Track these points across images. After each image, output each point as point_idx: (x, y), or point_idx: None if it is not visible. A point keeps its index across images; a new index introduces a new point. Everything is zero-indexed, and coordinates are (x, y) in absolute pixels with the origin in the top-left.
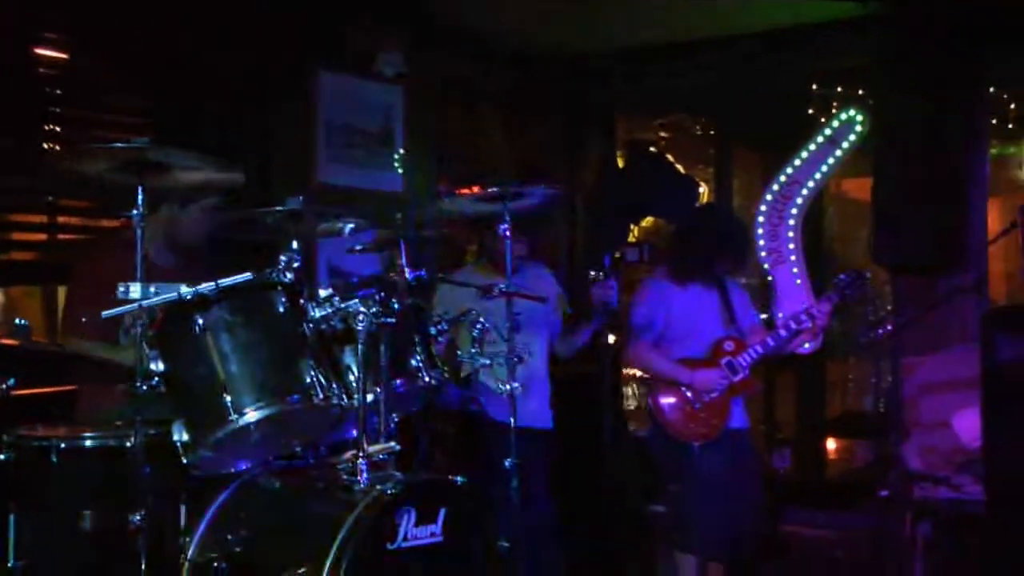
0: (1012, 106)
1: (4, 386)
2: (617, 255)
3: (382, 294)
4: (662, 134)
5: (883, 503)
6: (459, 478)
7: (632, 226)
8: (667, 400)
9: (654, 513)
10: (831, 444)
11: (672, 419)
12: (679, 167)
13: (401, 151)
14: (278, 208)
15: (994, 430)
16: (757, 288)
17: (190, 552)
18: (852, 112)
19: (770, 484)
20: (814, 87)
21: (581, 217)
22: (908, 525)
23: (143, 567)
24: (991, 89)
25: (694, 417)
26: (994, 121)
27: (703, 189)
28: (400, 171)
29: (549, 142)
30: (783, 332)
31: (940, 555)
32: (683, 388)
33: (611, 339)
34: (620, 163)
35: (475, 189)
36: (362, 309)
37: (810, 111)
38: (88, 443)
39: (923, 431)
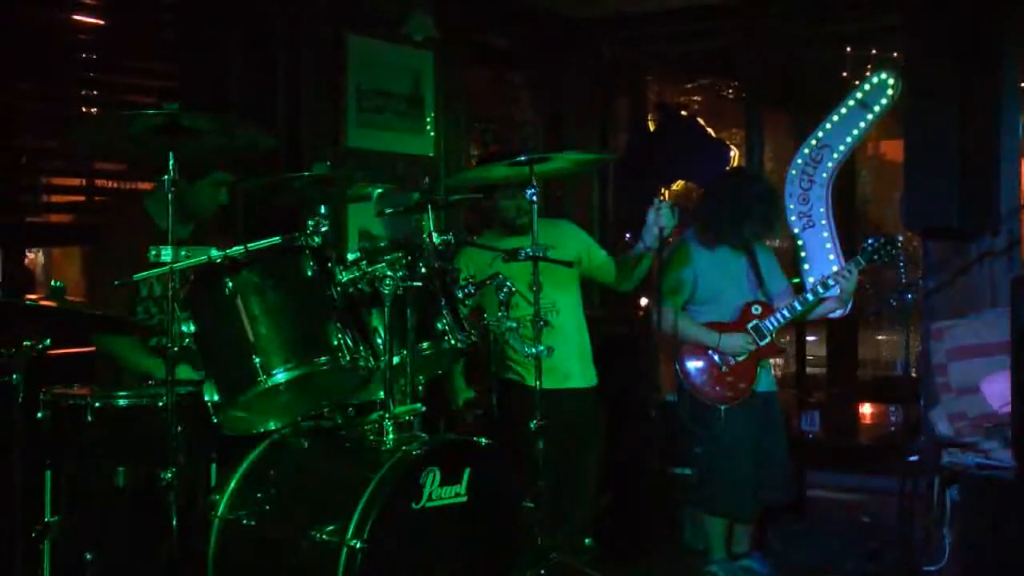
0: None
1: (40, 345)
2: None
3: (409, 257)
4: (694, 97)
5: (911, 468)
6: (483, 439)
7: (663, 189)
8: (694, 364)
9: (677, 476)
10: (863, 408)
11: (699, 382)
12: (710, 130)
13: (430, 115)
14: (305, 173)
15: (1022, 394)
16: (787, 252)
17: (219, 509)
18: (884, 75)
19: (798, 447)
20: (848, 49)
21: (611, 180)
22: (935, 490)
23: (174, 523)
24: None
25: (721, 380)
26: None
27: (734, 152)
28: (431, 135)
29: (579, 105)
30: (810, 296)
31: (967, 520)
32: (710, 351)
33: (643, 302)
34: (651, 126)
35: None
36: (388, 273)
37: (844, 73)
38: (122, 402)
39: (952, 396)
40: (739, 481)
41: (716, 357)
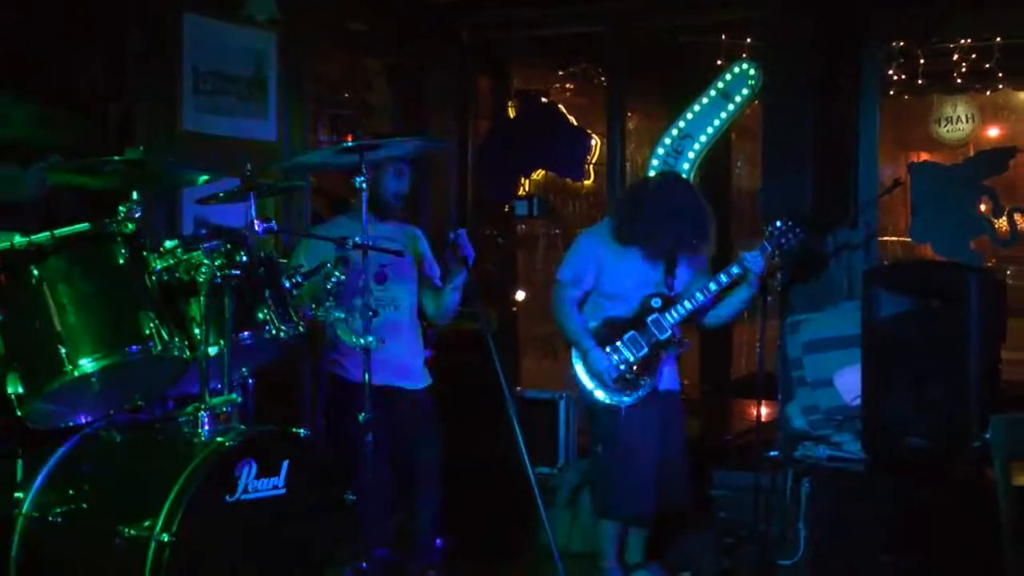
0: (922, 61)
1: None
2: (507, 208)
3: (228, 246)
4: (566, 85)
5: (768, 463)
6: (303, 430)
7: (523, 179)
8: (583, 361)
9: (541, 475)
10: (735, 405)
11: (594, 379)
12: (571, 119)
13: (273, 99)
14: (114, 158)
15: (873, 387)
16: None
17: (24, 507)
18: (745, 65)
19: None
20: (723, 37)
21: (472, 169)
22: (790, 484)
23: None
24: (899, 43)
25: (619, 379)
26: (903, 76)
27: (595, 142)
28: (273, 121)
29: (439, 92)
30: (713, 285)
31: (819, 513)
32: (608, 348)
33: (520, 295)
34: (511, 114)
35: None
36: (206, 261)
37: (719, 62)
38: None
39: (807, 390)
40: (638, 485)
41: (614, 355)
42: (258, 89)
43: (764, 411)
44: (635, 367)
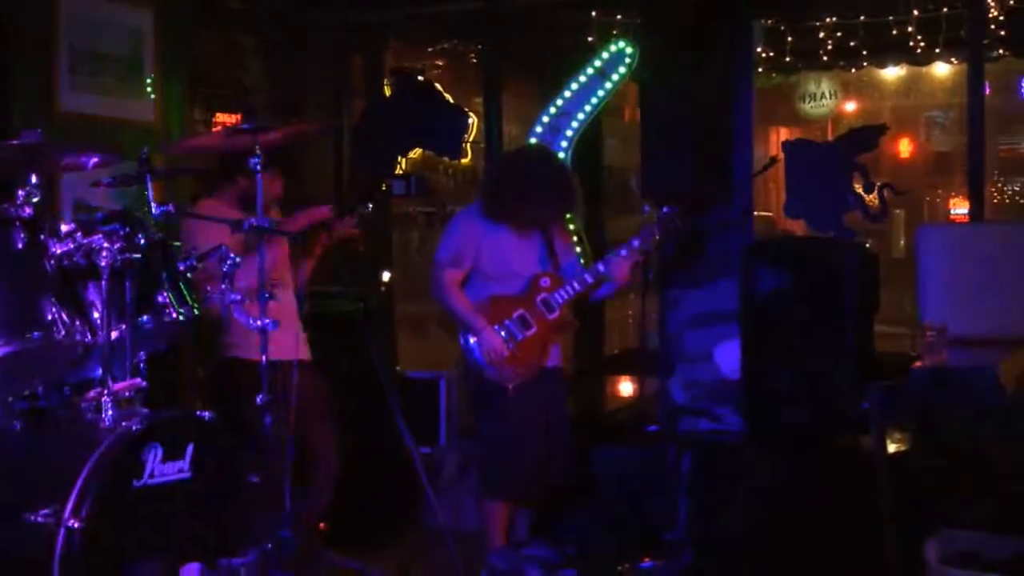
0: (790, 39)
1: None
2: (384, 187)
3: (127, 229)
4: (437, 62)
5: (651, 437)
6: (207, 413)
7: (400, 158)
8: (476, 339)
9: (422, 455)
10: (612, 382)
11: (483, 359)
12: (448, 97)
13: (150, 79)
14: (12, 142)
15: (752, 360)
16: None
17: None
18: (621, 44)
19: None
20: (593, 14)
21: (348, 148)
22: (672, 458)
23: None
24: (767, 22)
25: (509, 357)
26: (772, 54)
27: (473, 120)
28: (152, 100)
29: (314, 70)
30: (600, 267)
31: (701, 485)
32: (497, 327)
33: (386, 276)
34: (387, 92)
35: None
36: (105, 245)
37: (589, 39)
38: None
39: (688, 364)
40: (525, 463)
41: (503, 333)
42: (135, 68)
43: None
44: (524, 345)
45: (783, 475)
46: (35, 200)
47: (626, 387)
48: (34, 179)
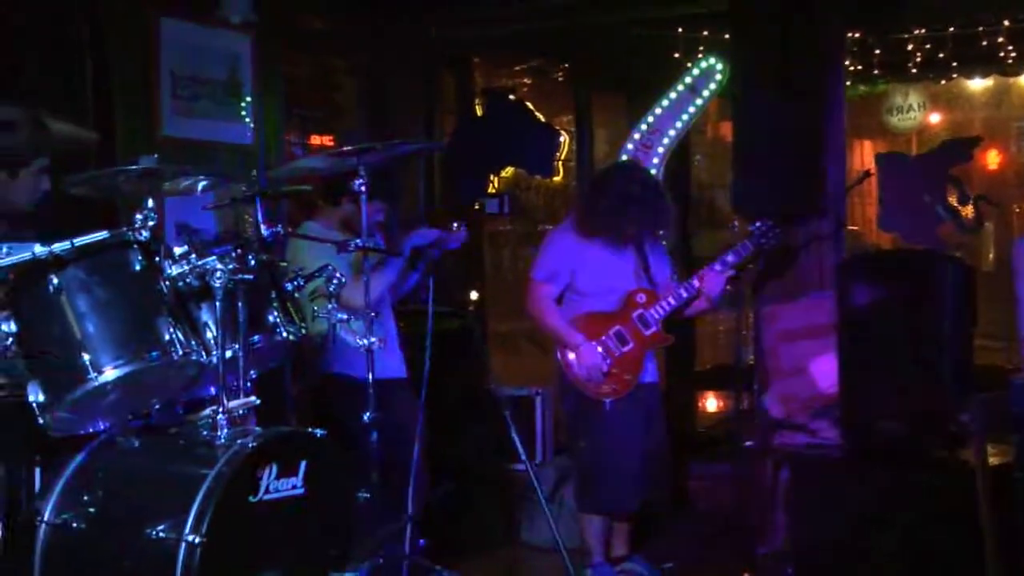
0: (877, 51)
1: None
2: (477, 206)
3: (238, 250)
4: (524, 80)
5: (746, 452)
6: (318, 431)
7: (492, 176)
8: (574, 355)
9: (513, 472)
10: (705, 397)
11: (582, 374)
12: (539, 115)
13: (247, 102)
14: (132, 167)
15: (849, 375)
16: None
17: (46, 514)
18: (712, 60)
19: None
20: (679, 30)
21: (439, 168)
22: (769, 472)
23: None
24: (855, 34)
25: (607, 373)
26: (860, 66)
27: (564, 138)
28: (250, 124)
29: (404, 90)
30: (696, 282)
31: (798, 500)
32: (594, 343)
33: (474, 295)
34: (478, 111)
35: (327, 147)
36: (219, 266)
37: (676, 55)
38: None
39: (783, 379)
40: (624, 478)
41: (600, 349)
42: (234, 92)
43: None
44: (621, 361)
45: (881, 489)
46: (151, 223)
47: (719, 403)
48: (150, 203)
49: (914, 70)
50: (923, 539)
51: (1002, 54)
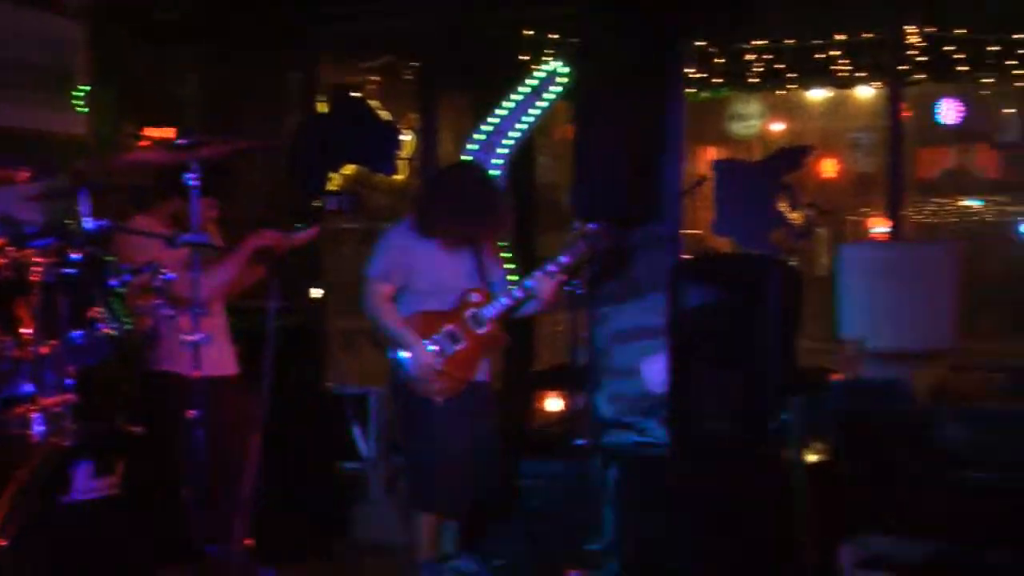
0: (718, 60)
1: None
2: (316, 204)
3: (60, 244)
4: (372, 78)
5: (578, 451)
6: (138, 428)
7: (333, 174)
8: (407, 354)
9: (348, 470)
10: (543, 397)
11: (415, 373)
12: (383, 113)
13: (81, 90)
14: None
15: (678, 375)
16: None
17: None
18: (557, 64)
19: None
20: (528, 33)
21: (282, 164)
22: (599, 471)
23: None
24: (697, 43)
25: (439, 372)
26: (702, 74)
27: (410, 137)
28: (82, 113)
29: (249, 86)
30: (529, 283)
31: (627, 497)
32: (427, 342)
33: (314, 293)
34: (322, 108)
35: (160, 138)
36: (38, 259)
37: (524, 57)
38: None
39: (615, 379)
40: (454, 477)
41: (433, 347)
42: (64, 80)
43: (567, 401)
44: (453, 360)
45: (707, 486)
46: None
47: (556, 402)
48: None
49: (753, 80)
50: (745, 535)
51: (836, 67)
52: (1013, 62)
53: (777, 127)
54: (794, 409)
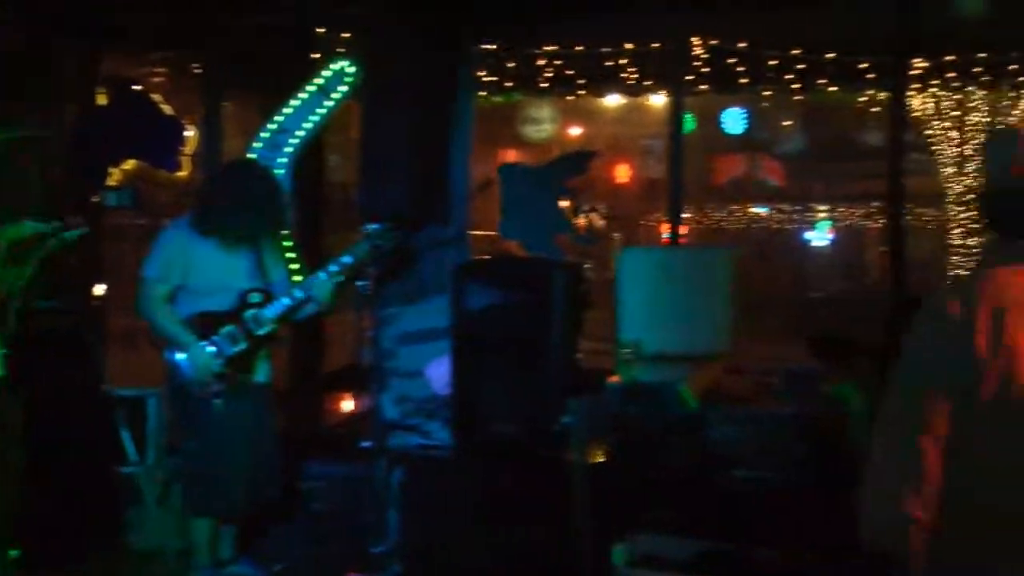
0: (510, 64)
1: None
2: (96, 199)
3: None
4: (158, 71)
5: (363, 453)
6: None
7: (113, 168)
8: (183, 354)
9: (123, 475)
10: (332, 398)
11: (189, 373)
12: (165, 108)
13: None
14: None
15: (462, 377)
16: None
17: None
18: (343, 63)
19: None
20: (319, 30)
21: (62, 158)
22: (384, 473)
23: None
24: (490, 46)
25: (217, 373)
26: (494, 78)
27: (193, 133)
28: None
29: (20, 74)
30: (308, 284)
31: (410, 499)
32: (205, 343)
33: (97, 291)
34: (102, 100)
35: None
36: None
37: (315, 56)
38: None
39: (400, 380)
40: (232, 480)
41: (211, 348)
42: None
43: (357, 403)
44: (233, 361)
45: (489, 488)
46: None
47: (347, 403)
48: None
49: (544, 85)
50: (526, 535)
51: (624, 75)
52: (791, 76)
53: (575, 131)
54: (577, 411)
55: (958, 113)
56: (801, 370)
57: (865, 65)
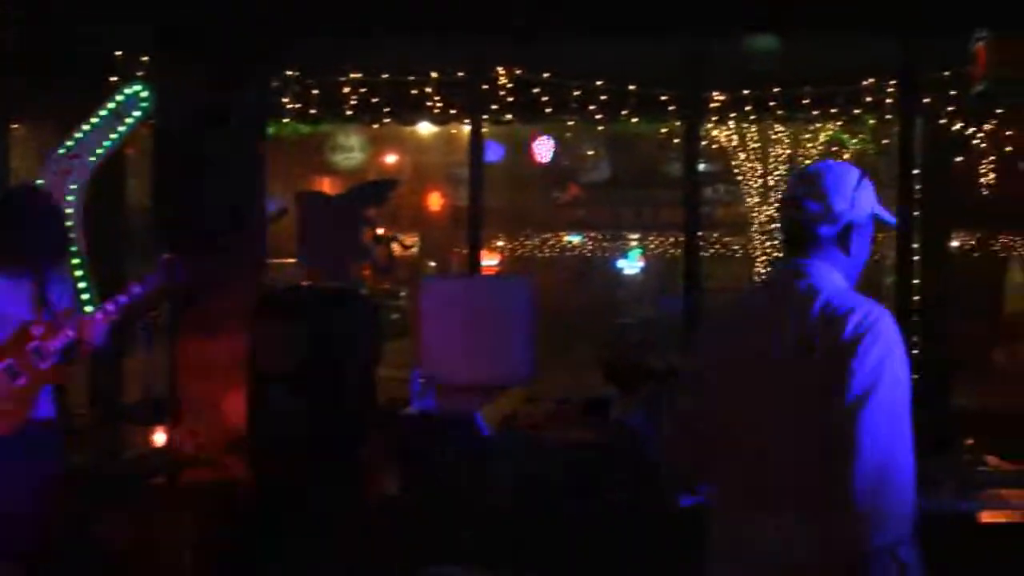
0: (316, 92)
1: None
2: None
3: None
4: None
5: (156, 490)
6: None
7: None
8: None
9: None
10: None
11: None
12: None
13: None
14: None
15: (257, 409)
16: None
17: None
18: (137, 87)
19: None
20: (117, 53)
21: None
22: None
23: None
24: (294, 74)
25: None
26: (298, 105)
27: None
28: None
29: None
30: (99, 316)
31: (205, 536)
32: None
33: None
34: None
35: None
36: None
37: (113, 78)
38: None
39: (196, 414)
40: (11, 521)
41: None
42: None
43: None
44: (11, 397)
45: (281, 521)
46: None
47: (147, 437)
48: None
49: (350, 112)
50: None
51: (430, 103)
52: (594, 106)
53: (389, 159)
54: (371, 441)
55: (759, 145)
56: (597, 397)
57: (665, 97)
